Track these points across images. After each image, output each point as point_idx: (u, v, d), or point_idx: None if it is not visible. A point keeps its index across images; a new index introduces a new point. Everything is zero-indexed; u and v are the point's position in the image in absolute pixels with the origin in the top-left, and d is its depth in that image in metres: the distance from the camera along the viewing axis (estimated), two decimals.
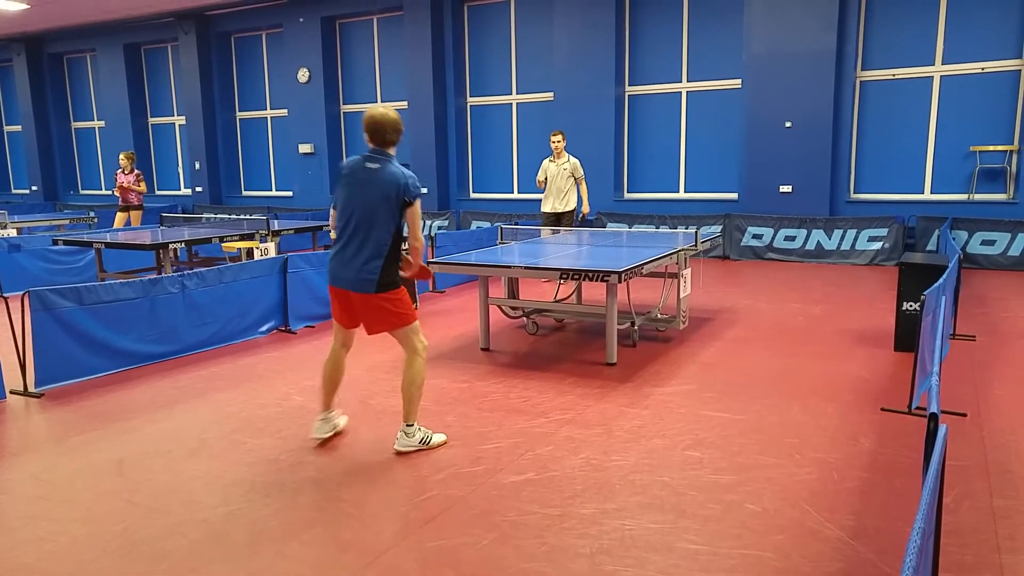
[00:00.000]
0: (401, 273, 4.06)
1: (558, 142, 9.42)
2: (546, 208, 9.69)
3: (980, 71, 10.62)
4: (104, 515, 3.44)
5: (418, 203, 3.96)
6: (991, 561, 2.94)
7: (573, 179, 9.55)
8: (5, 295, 5.76)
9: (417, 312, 4.13)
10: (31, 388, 5.26)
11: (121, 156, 12.47)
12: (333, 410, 4.39)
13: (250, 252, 9.12)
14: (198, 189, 17.64)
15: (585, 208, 9.65)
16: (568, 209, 9.58)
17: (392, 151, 4.03)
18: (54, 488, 3.75)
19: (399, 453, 4.12)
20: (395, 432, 4.37)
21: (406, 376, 4.11)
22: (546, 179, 9.57)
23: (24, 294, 5.38)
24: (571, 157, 9.61)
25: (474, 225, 14.00)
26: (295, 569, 2.96)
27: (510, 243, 7.62)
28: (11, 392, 5.24)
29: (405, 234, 4.02)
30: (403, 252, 4.03)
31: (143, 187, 12.53)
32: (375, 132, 3.98)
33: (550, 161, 9.56)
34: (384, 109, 4.04)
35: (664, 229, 11.73)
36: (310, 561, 3.01)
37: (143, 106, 18.84)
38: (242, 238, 9.81)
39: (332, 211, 4.10)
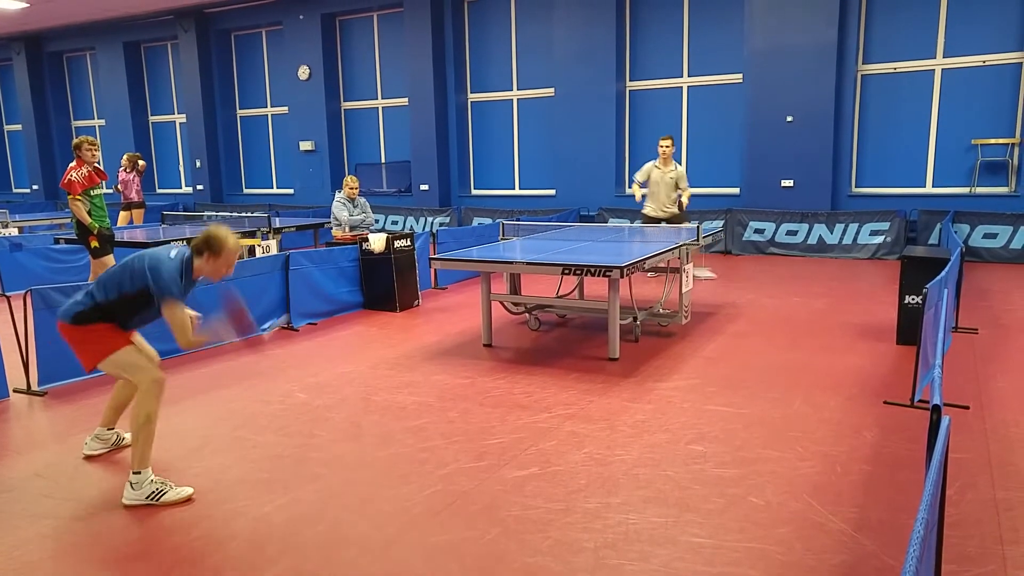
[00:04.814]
0: None
1: (667, 147, 8.89)
2: (648, 212, 9.25)
3: (981, 64, 10.60)
4: (108, 513, 3.44)
5: None
6: (994, 552, 2.94)
7: (677, 187, 9.12)
8: (7, 294, 5.76)
9: None
10: (34, 386, 5.27)
11: (124, 156, 12.52)
12: None
13: (252, 250, 9.13)
14: (199, 187, 17.64)
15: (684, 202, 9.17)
16: (674, 213, 9.17)
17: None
18: (57, 486, 3.76)
19: None
20: (397, 428, 4.39)
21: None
22: (646, 182, 9.07)
23: (26, 293, 5.39)
24: (678, 165, 9.15)
25: (475, 221, 13.99)
26: (299, 565, 2.96)
27: (512, 239, 7.61)
28: (14, 391, 5.25)
29: None
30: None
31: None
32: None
33: (655, 166, 9.06)
34: None
35: (665, 224, 11.70)
36: (314, 557, 3.02)
37: (143, 104, 18.82)
38: (244, 235, 9.81)
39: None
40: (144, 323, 3.81)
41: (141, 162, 12.64)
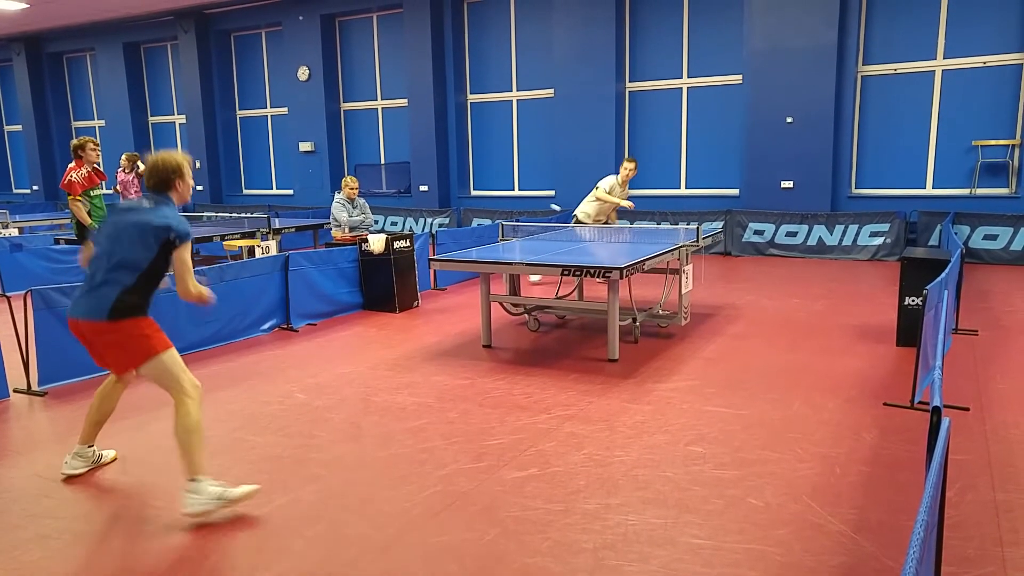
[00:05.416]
0: None
1: (632, 170, 8.98)
2: (583, 218, 9.22)
3: (981, 65, 10.60)
4: (107, 513, 3.44)
5: None
6: (994, 554, 2.94)
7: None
8: (8, 294, 5.76)
9: None
10: (34, 387, 5.27)
11: (123, 156, 12.53)
12: None
13: (251, 250, 9.14)
14: (199, 188, 17.60)
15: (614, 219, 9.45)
16: (604, 222, 9.30)
17: None
18: (57, 486, 3.76)
19: None
20: (397, 429, 4.39)
21: None
22: (606, 193, 8.99)
23: (26, 293, 5.39)
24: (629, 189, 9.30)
25: (475, 222, 13.99)
26: (298, 566, 2.96)
27: (511, 240, 7.62)
28: (15, 391, 5.25)
29: None
30: None
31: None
32: None
33: (617, 183, 8.99)
34: None
35: (665, 225, 11.71)
36: (314, 557, 3.02)
37: (143, 105, 18.83)
38: (243, 236, 9.82)
39: None
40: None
41: (140, 164, 12.65)
